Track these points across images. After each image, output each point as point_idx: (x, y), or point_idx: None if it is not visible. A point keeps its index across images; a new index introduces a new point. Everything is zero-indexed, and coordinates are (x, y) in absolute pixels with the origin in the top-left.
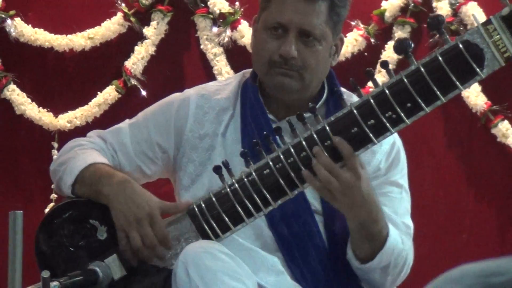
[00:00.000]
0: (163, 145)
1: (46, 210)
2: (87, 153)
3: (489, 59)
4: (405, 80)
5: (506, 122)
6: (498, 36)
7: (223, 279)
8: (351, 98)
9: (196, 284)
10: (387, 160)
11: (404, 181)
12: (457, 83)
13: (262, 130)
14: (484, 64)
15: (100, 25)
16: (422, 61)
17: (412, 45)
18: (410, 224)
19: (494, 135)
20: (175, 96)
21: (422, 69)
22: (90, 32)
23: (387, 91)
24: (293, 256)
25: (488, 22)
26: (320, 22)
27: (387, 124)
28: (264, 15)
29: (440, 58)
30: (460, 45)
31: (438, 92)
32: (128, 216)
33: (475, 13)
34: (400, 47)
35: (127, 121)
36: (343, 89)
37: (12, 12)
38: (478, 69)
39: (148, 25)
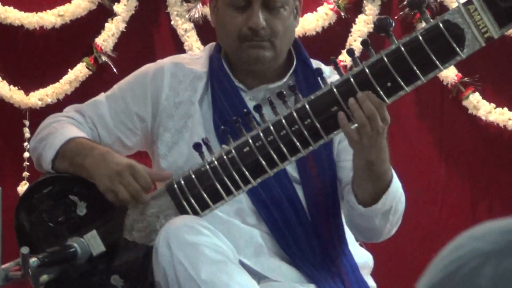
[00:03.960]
0: (141, 114)
1: (19, 188)
2: (66, 128)
3: (469, 40)
4: (385, 59)
5: (477, 94)
6: (479, 16)
7: (205, 252)
8: (320, 66)
9: (178, 259)
10: None
11: None
12: (438, 63)
13: (232, 100)
14: (465, 44)
15: (70, 2)
16: (402, 41)
17: (393, 24)
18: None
19: (465, 107)
20: (149, 66)
21: (403, 49)
22: (60, 9)
23: (367, 70)
24: (273, 220)
25: (469, 2)
26: None
27: None
28: None
29: (420, 38)
30: (441, 25)
31: (418, 72)
32: (110, 175)
33: None
34: (381, 25)
35: (103, 94)
36: (312, 60)
37: None
38: (458, 49)
39: (118, 1)
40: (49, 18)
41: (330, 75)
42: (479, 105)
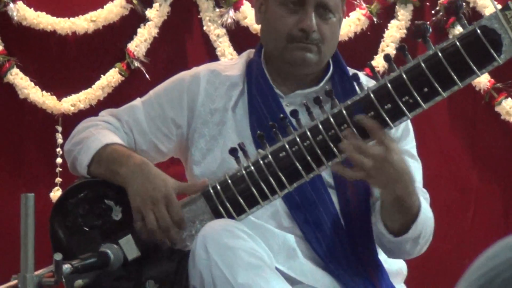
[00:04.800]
0: (177, 120)
1: (52, 194)
2: (102, 133)
3: (506, 45)
4: (422, 64)
5: (509, 99)
6: None
7: (242, 256)
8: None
9: (215, 261)
10: (397, 130)
11: (415, 151)
12: (475, 68)
13: (269, 105)
14: (502, 49)
15: (102, 7)
16: (439, 46)
17: (430, 29)
18: (426, 191)
19: (498, 112)
20: (185, 73)
21: (440, 54)
22: (92, 15)
23: (404, 76)
24: (307, 223)
25: (506, 7)
26: None
27: (404, 109)
28: None
29: (457, 43)
30: (478, 30)
31: (455, 77)
32: (144, 197)
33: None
34: (417, 31)
35: (139, 99)
36: (349, 68)
37: None
38: (495, 55)
39: (151, 7)
40: (82, 23)
41: (367, 83)
42: None
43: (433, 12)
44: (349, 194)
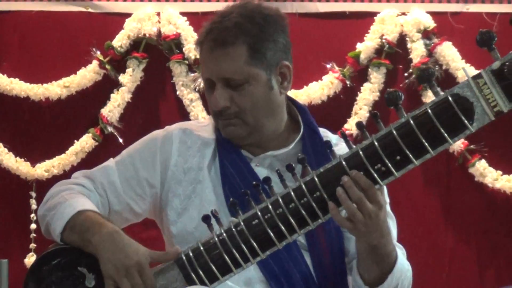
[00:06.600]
0: (150, 180)
1: (26, 260)
2: (75, 199)
3: (479, 113)
4: (394, 132)
5: (483, 161)
6: (488, 90)
7: None
8: (326, 134)
9: None
10: None
11: (389, 208)
12: (447, 136)
13: (239, 168)
14: (474, 118)
15: (75, 73)
16: (411, 114)
17: (403, 97)
18: (402, 246)
19: (471, 174)
20: (157, 132)
21: (412, 122)
22: (65, 80)
23: (376, 143)
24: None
25: (478, 76)
26: (240, 64)
27: (376, 177)
28: None
29: (429, 111)
30: (450, 98)
31: (427, 145)
32: (117, 264)
33: (465, 67)
34: (390, 98)
35: (112, 159)
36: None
37: None
38: (468, 123)
39: (124, 72)
40: (55, 89)
41: (337, 142)
42: (486, 172)
43: (406, 74)
44: (323, 256)
